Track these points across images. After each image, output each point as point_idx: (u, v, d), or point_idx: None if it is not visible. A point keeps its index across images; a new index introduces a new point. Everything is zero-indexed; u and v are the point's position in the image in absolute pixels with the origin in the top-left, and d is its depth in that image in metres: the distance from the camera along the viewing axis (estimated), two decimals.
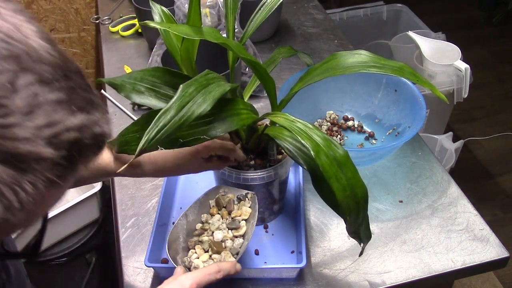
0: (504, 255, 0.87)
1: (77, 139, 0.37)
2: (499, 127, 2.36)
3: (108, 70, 1.37)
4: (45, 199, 0.39)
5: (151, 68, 0.71)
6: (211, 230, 0.78)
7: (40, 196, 0.36)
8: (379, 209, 0.96)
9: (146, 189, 1.02)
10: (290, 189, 0.98)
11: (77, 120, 0.37)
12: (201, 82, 0.61)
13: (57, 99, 0.36)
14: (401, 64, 0.70)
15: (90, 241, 1.54)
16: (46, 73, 0.36)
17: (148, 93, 0.69)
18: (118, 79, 0.69)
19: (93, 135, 0.39)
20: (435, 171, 1.03)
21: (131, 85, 0.69)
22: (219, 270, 0.67)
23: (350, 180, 0.62)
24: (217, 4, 1.21)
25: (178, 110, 0.56)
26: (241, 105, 0.68)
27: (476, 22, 3.07)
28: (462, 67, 1.61)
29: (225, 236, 0.76)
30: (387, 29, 2.19)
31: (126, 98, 0.69)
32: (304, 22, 1.55)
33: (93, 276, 1.54)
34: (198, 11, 0.70)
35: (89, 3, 1.75)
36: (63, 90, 0.36)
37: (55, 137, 0.35)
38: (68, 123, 0.36)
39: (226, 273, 0.67)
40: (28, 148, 0.34)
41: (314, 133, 0.64)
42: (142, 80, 0.70)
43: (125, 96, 0.69)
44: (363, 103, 1.14)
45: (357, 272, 0.85)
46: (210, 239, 0.76)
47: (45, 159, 0.35)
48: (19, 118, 0.33)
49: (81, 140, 0.37)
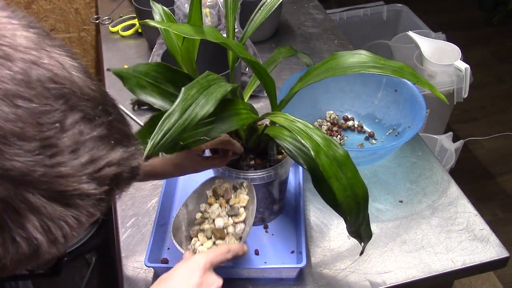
0: (504, 255, 0.87)
1: (117, 173, 0.38)
2: (499, 127, 2.36)
3: (108, 72, 1.37)
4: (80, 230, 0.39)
5: (155, 63, 0.70)
6: (212, 218, 0.78)
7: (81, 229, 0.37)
8: (379, 209, 0.96)
9: (146, 189, 1.02)
10: (290, 189, 0.98)
11: (116, 155, 0.38)
12: (202, 83, 0.61)
13: (99, 135, 0.36)
14: (401, 64, 0.70)
15: (90, 241, 1.54)
16: (89, 109, 0.36)
17: (151, 88, 0.69)
18: (125, 70, 0.69)
19: (130, 168, 0.40)
20: (435, 171, 1.03)
21: (136, 78, 0.69)
22: (228, 250, 0.67)
23: (350, 180, 0.62)
24: (217, 4, 1.21)
25: (182, 113, 0.57)
26: (241, 105, 0.68)
27: (476, 22, 3.07)
28: (462, 67, 1.61)
29: (226, 223, 0.76)
30: (387, 29, 2.19)
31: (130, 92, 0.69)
32: (304, 22, 1.55)
33: (93, 276, 1.54)
34: (199, 11, 0.70)
35: (89, 3, 1.75)
36: (104, 125, 0.37)
37: (98, 173, 0.36)
38: (109, 158, 0.37)
39: (235, 253, 0.68)
40: (73, 185, 0.35)
41: (314, 133, 0.64)
42: (146, 75, 0.70)
43: (129, 89, 0.69)
44: (363, 103, 1.14)
45: (357, 272, 0.85)
46: (212, 226, 0.77)
47: (89, 194, 0.36)
48: (66, 157, 0.34)
49: (120, 174, 0.38)
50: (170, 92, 0.70)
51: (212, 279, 0.64)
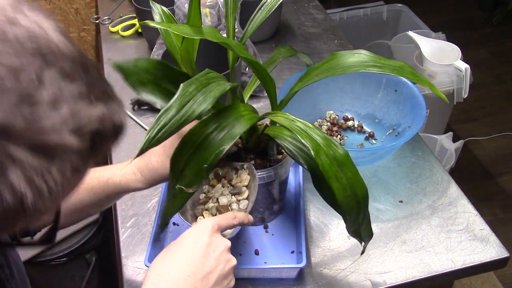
0: (504, 255, 0.87)
1: (99, 129, 0.39)
2: (499, 127, 2.36)
3: (108, 70, 1.37)
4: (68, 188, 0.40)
5: (156, 61, 0.70)
6: (215, 197, 0.78)
7: (67, 183, 0.38)
8: (379, 209, 0.96)
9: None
10: (290, 189, 0.98)
11: (97, 111, 0.39)
12: (201, 81, 0.61)
13: (78, 92, 0.38)
14: (401, 64, 0.70)
15: (90, 241, 1.54)
16: (68, 67, 0.38)
17: (151, 86, 0.68)
18: (125, 65, 0.69)
19: (113, 125, 0.41)
20: (435, 171, 1.03)
21: (137, 74, 0.69)
22: (234, 217, 0.68)
23: (350, 180, 0.62)
24: (217, 4, 1.21)
25: (179, 109, 0.57)
26: (242, 108, 0.68)
27: (476, 22, 3.07)
28: (462, 67, 1.61)
29: (230, 200, 0.76)
30: (387, 29, 2.19)
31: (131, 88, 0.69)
32: (304, 22, 1.55)
33: (93, 276, 1.54)
34: (198, 11, 0.70)
35: (89, 3, 1.75)
36: (83, 83, 0.38)
37: (79, 127, 0.37)
38: (90, 114, 0.38)
39: (240, 220, 0.68)
40: (54, 138, 0.36)
41: (314, 133, 0.64)
42: (147, 71, 0.69)
43: (131, 85, 0.68)
44: (363, 103, 1.14)
45: (357, 272, 0.85)
46: (216, 204, 0.76)
47: (71, 148, 0.37)
48: (46, 111, 0.35)
49: (103, 130, 0.40)
50: (170, 91, 0.70)
51: (220, 240, 0.64)
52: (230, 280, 0.64)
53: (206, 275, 0.61)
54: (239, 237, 0.91)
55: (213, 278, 0.61)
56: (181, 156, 0.63)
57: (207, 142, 0.63)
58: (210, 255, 0.62)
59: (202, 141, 0.63)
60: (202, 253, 0.62)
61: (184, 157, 0.63)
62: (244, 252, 0.88)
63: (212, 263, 0.62)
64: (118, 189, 0.75)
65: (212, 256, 0.62)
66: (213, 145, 0.63)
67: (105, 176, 0.75)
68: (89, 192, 0.74)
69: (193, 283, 0.59)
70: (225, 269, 0.63)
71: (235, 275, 0.66)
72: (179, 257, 0.62)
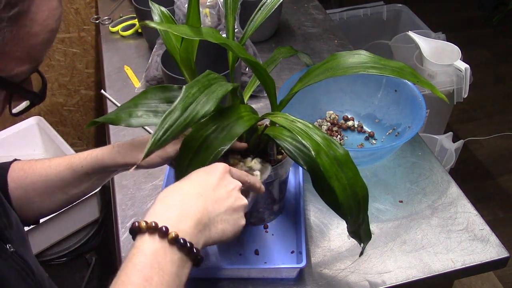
0: (504, 255, 0.87)
1: None
2: (499, 127, 2.36)
3: (108, 70, 1.37)
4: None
5: (141, 93, 0.70)
6: None
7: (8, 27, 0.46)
8: (379, 209, 0.96)
9: (146, 189, 1.02)
10: (290, 189, 0.98)
11: None
12: (203, 82, 0.61)
13: None
14: (401, 65, 0.71)
15: (90, 241, 1.54)
16: None
17: (147, 115, 0.69)
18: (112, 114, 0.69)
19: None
20: (435, 171, 1.03)
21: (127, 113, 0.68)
22: (247, 175, 0.66)
23: (351, 180, 0.62)
24: (217, 4, 1.21)
25: (183, 111, 0.57)
26: (242, 109, 0.68)
27: (476, 22, 3.07)
28: (462, 67, 1.61)
29: None
30: (387, 29, 2.19)
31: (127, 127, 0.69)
32: (304, 22, 1.55)
33: (93, 276, 1.54)
34: (197, 11, 0.70)
35: (89, 3, 1.75)
36: None
37: None
38: None
39: (252, 182, 0.67)
40: None
41: (314, 133, 0.64)
42: (137, 106, 0.69)
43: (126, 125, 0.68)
44: (363, 103, 1.14)
45: (357, 272, 0.85)
46: None
47: None
48: None
49: None
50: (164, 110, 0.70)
51: (232, 179, 0.63)
52: (240, 216, 0.61)
53: (217, 200, 0.59)
54: (239, 237, 0.91)
55: (224, 206, 0.59)
56: (183, 160, 0.63)
57: (207, 143, 0.63)
58: (221, 187, 0.60)
59: (202, 143, 0.63)
60: (214, 182, 0.60)
61: (186, 160, 0.63)
62: (244, 252, 0.88)
63: (223, 193, 0.60)
64: (96, 165, 0.75)
65: (224, 189, 0.60)
66: (213, 145, 0.63)
67: (85, 153, 0.76)
68: (69, 169, 0.75)
69: (204, 202, 0.58)
70: (236, 203, 0.61)
71: (236, 275, 0.66)
72: (192, 180, 0.60)
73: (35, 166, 0.77)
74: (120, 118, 0.68)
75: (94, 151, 0.76)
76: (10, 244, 0.63)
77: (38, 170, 0.76)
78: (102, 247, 1.57)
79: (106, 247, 1.56)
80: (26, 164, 0.77)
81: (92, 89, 1.96)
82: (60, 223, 1.44)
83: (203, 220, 0.56)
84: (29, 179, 0.75)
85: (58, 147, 1.58)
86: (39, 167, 0.76)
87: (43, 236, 1.44)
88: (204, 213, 0.57)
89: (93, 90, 1.96)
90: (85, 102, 1.98)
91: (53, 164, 0.76)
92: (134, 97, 0.70)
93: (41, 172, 0.76)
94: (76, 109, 1.98)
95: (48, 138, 1.64)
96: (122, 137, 1.15)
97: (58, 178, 0.75)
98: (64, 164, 0.76)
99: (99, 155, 0.75)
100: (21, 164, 0.78)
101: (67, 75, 1.88)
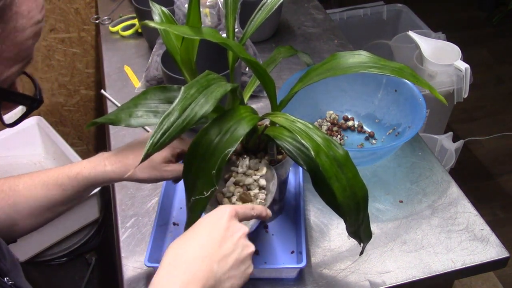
0: (504, 255, 0.87)
1: None
2: (499, 127, 2.36)
3: (108, 70, 1.37)
4: None
5: (141, 93, 0.70)
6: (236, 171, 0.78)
7: None
8: (379, 209, 0.96)
9: (146, 189, 1.02)
10: (290, 189, 0.98)
11: None
12: (202, 83, 0.61)
13: None
14: (401, 65, 0.71)
15: (90, 241, 1.54)
16: None
17: (147, 115, 0.69)
18: (112, 114, 0.69)
19: None
20: (435, 171, 1.03)
21: (127, 113, 0.68)
22: (253, 208, 0.67)
23: (351, 180, 0.62)
24: (217, 4, 1.21)
25: (181, 112, 0.57)
26: (242, 110, 0.68)
27: (476, 22, 3.07)
28: (462, 67, 1.61)
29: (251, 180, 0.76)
30: (387, 29, 2.19)
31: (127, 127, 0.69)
32: (304, 22, 1.55)
33: (93, 276, 1.54)
34: (197, 11, 0.70)
35: (89, 3, 1.75)
36: None
37: None
38: None
39: (259, 212, 0.67)
40: None
41: (314, 133, 0.64)
42: (137, 106, 0.69)
43: (126, 126, 0.69)
44: (363, 103, 1.14)
45: (357, 272, 0.85)
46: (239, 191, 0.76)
47: None
48: None
49: None
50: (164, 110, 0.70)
51: (238, 226, 0.63)
52: (247, 266, 0.62)
53: (223, 258, 0.60)
54: None
55: (230, 262, 0.60)
56: (190, 171, 0.63)
57: (212, 149, 0.62)
58: (227, 239, 0.61)
59: (207, 149, 0.63)
60: (219, 236, 0.61)
61: (193, 170, 0.63)
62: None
63: (229, 246, 0.61)
64: (87, 183, 0.74)
65: (230, 241, 0.61)
66: (218, 150, 0.62)
67: (74, 171, 0.74)
68: (58, 189, 0.73)
69: (210, 264, 0.58)
70: (242, 254, 0.61)
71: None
72: (196, 239, 0.61)
73: (17, 186, 0.73)
74: (120, 119, 0.68)
75: (83, 168, 0.74)
76: (7, 277, 0.62)
77: (22, 191, 0.72)
78: (102, 247, 1.57)
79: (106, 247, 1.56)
80: (5, 184, 0.73)
81: (92, 89, 1.96)
82: (60, 223, 1.44)
83: (208, 283, 0.57)
84: (12, 201, 0.72)
85: (58, 147, 1.58)
86: (22, 187, 0.72)
87: (43, 236, 1.44)
88: (210, 276, 0.57)
89: (93, 90, 1.96)
90: (85, 102, 1.98)
91: (38, 183, 0.73)
92: (134, 98, 0.70)
93: (26, 193, 0.72)
94: (76, 109, 1.98)
95: (48, 138, 1.64)
96: (122, 137, 1.15)
97: (46, 198, 0.73)
98: (51, 183, 0.73)
99: (92, 174, 0.74)
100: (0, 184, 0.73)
101: (67, 75, 1.88)
